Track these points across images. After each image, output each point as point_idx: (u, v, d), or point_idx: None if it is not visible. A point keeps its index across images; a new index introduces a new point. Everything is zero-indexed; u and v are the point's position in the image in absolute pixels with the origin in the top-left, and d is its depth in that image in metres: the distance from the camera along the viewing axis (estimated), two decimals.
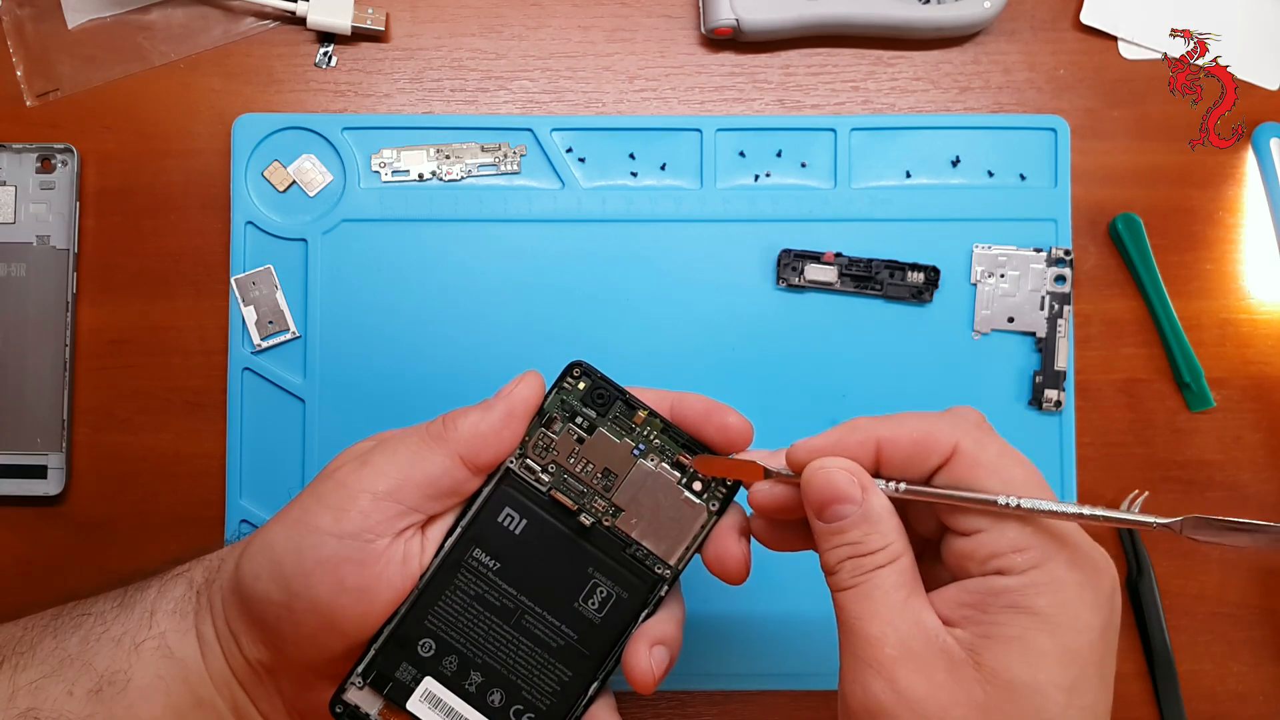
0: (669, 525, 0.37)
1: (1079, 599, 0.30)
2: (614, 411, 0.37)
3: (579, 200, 0.52)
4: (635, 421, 0.37)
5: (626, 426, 0.37)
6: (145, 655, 0.37)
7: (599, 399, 0.37)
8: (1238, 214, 0.54)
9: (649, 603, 0.37)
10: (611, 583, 0.37)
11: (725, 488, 0.37)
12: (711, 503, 0.37)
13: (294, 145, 0.52)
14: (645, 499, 0.37)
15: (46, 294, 0.52)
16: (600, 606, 0.37)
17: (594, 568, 0.37)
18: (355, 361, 0.52)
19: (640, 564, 0.37)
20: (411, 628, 0.36)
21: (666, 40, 0.54)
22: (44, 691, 0.36)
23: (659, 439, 0.37)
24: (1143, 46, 0.54)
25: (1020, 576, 0.30)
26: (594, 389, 0.37)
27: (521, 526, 0.37)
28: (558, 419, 0.37)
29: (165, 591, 0.39)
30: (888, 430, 0.33)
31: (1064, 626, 0.30)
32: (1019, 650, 0.30)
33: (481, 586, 0.36)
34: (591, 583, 0.37)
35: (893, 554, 0.32)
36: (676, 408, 0.37)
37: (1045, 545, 0.31)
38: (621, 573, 0.37)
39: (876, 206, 0.53)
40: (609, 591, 0.37)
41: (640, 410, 0.37)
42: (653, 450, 0.37)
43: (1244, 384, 0.53)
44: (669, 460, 0.37)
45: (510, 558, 0.37)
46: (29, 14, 0.53)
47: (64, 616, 0.39)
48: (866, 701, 0.31)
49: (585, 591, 0.37)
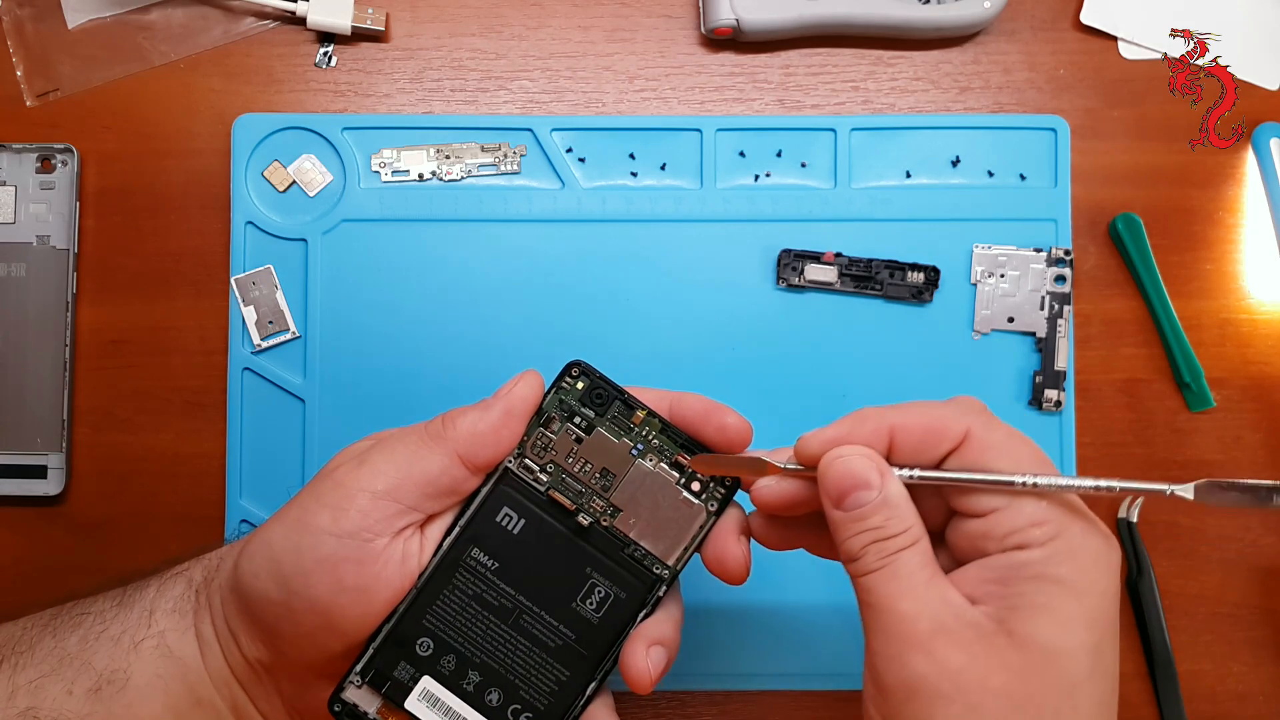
0: (667, 525, 0.37)
1: (1095, 565, 0.31)
2: (612, 411, 0.37)
3: (579, 200, 0.52)
4: (634, 421, 0.37)
5: (625, 426, 0.37)
6: (144, 654, 0.37)
7: (597, 399, 0.37)
8: (1238, 214, 0.54)
9: (647, 603, 0.37)
10: (609, 583, 0.37)
11: (724, 488, 0.37)
12: (710, 503, 0.37)
13: (294, 145, 0.52)
14: (644, 499, 0.37)
15: (46, 294, 0.52)
16: (598, 606, 0.36)
17: (592, 568, 0.37)
18: (355, 361, 0.52)
19: (638, 564, 0.37)
20: (410, 627, 0.36)
21: (666, 40, 0.54)
22: (43, 690, 0.36)
23: (657, 439, 0.37)
24: (1143, 46, 0.54)
25: (1041, 549, 0.31)
26: (592, 388, 0.37)
27: (520, 526, 0.37)
28: (556, 418, 0.37)
29: (164, 590, 0.38)
30: (899, 418, 0.33)
31: (1086, 591, 0.31)
32: (1048, 616, 0.30)
33: (480, 586, 0.36)
34: (590, 583, 0.37)
35: (914, 536, 0.33)
36: (675, 408, 0.37)
37: (1060, 518, 0.32)
38: (619, 573, 0.37)
39: (876, 206, 0.53)
40: (607, 591, 0.37)
41: (639, 410, 0.37)
42: (651, 450, 0.37)
43: (1244, 384, 0.53)
44: (667, 460, 0.37)
45: (508, 557, 0.36)
46: (29, 14, 0.53)
47: (63, 616, 0.39)
48: (907, 678, 0.31)
49: (583, 591, 0.37)
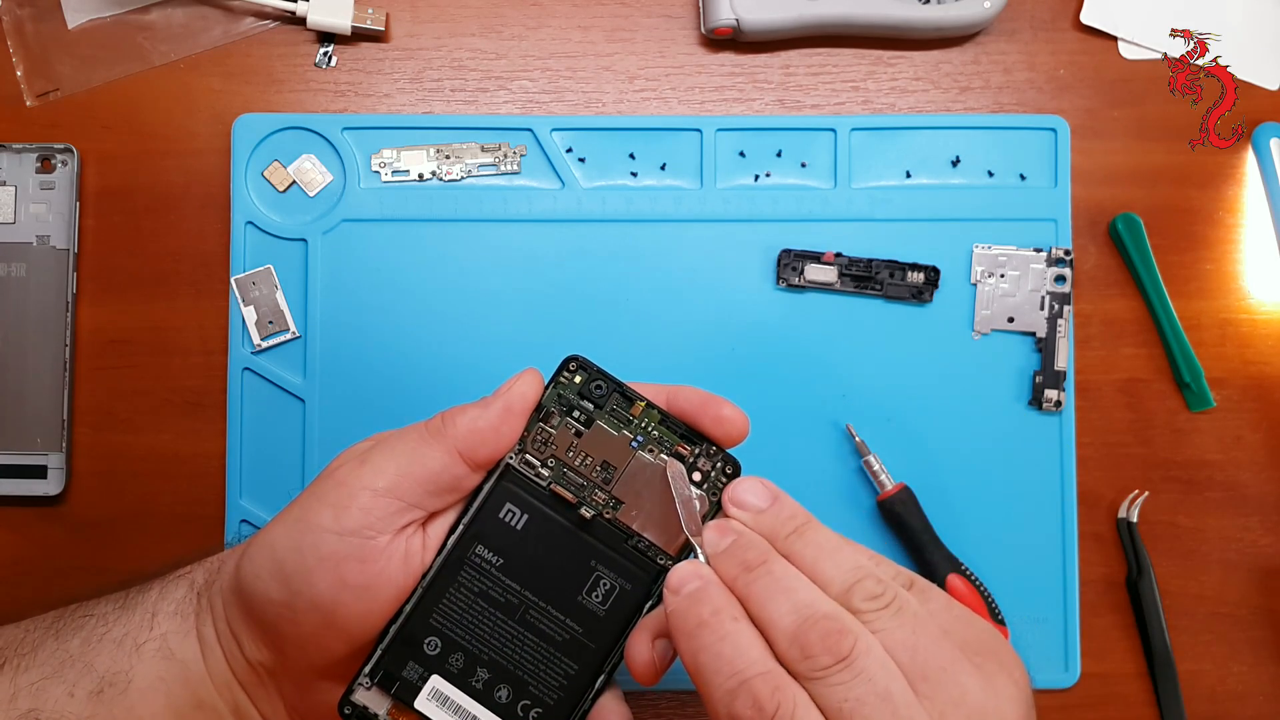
0: (670, 516, 0.37)
1: None
2: (611, 404, 0.37)
3: (579, 200, 0.52)
4: (633, 413, 0.37)
5: (624, 419, 0.37)
6: (146, 657, 0.37)
7: (596, 391, 0.37)
8: (1238, 214, 0.54)
9: (652, 594, 0.37)
10: (614, 575, 0.36)
11: (725, 477, 0.37)
12: (712, 493, 0.37)
13: (294, 145, 0.52)
14: (645, 490, 0.37)
15: (46, 294, 0.52)
16: (604, 599, 0.36)
17: (596, 560, 0.37)
18: (355, 361, 0.52)
19: (642, 555, 0.37)
20: (417, 626, 0.36)
21: (666, 40, 0.54)
22: (45, 693, 0.36)
23: (657, 430, 0.37)
24: (1143, 46, 0.54)
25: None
26: (590, 381, 0.37)
27: (523, 522, 0.37)
28: (555, 413, 0.37)
29: (166, 593, 0.38)
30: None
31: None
32: None
33: (485, 583, 0.36)
34: (594, 575, 0.36)
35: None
36: (672, 401, 0.37)
37: None
38: (624, 564, 0.37)
39: (876, 206, 0.53)
40: (612, 584, 0.36)
41: (637, 402, 0.37)
42: (651, 441, 0.37)
43: (1244, 384, 0.53)
44: (668, 451, 0.37)
45: (513, 553, 0.36)
46: (29, 14, 0.53)
47: (66, 618, 0.39)
48: None
49: (589, 584, 0.36)
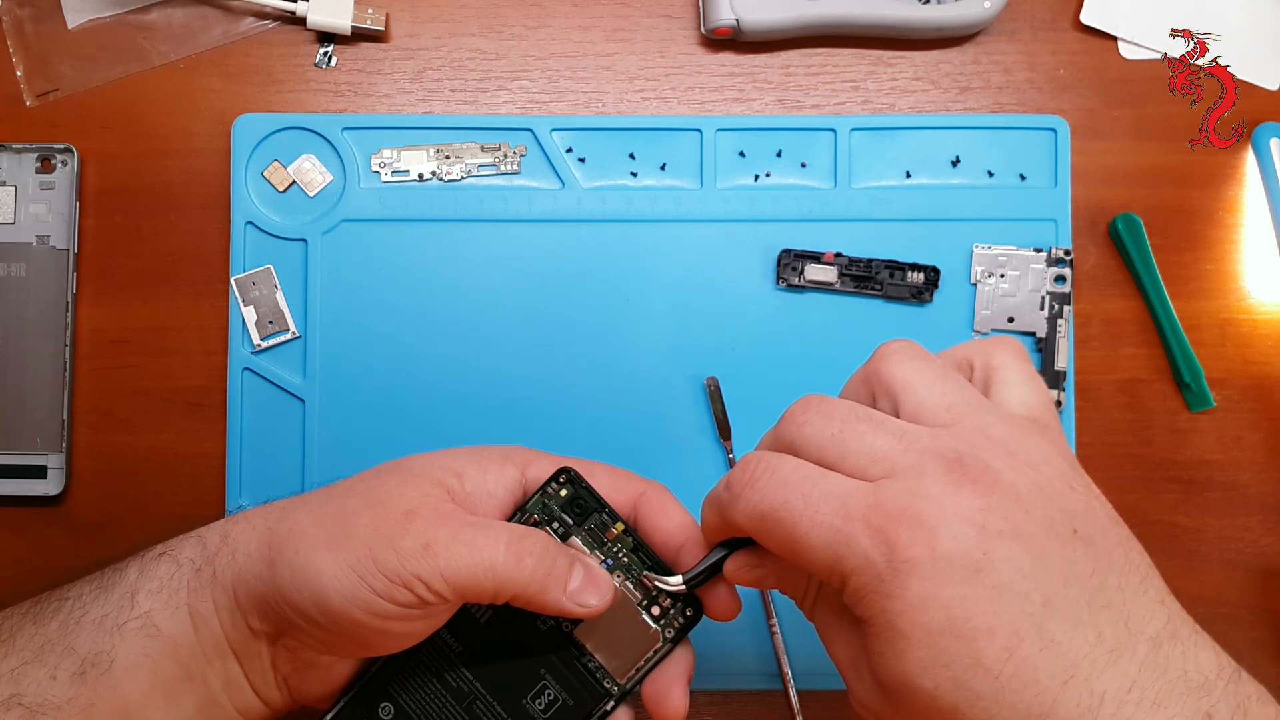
0: (624, 643, 0.38)
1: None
2: (590, 523, 0.38)
3: (579, 200, 0.52)
4: (608, 536, 0.38)
5: (599, 539, 0.38)
6: (129, 635, 0.37)
7: (578, 508, 0.38)
8: (1238, 214, 0.54)
9: (591, 716, 0.37)
10: (560, 688, 0.37)
11: (684, 618, 0.38)
12: (668, 630, 0.38)
13: (294, 145, 0.52)
14: (605, 614, 0.37)
15: (46, 294, 0.52)
16: (546, 709, 0.37)
17: (546, 670, 0.38)
18: (355, 361, 0.52)
19: (590, 676, 0.37)
20: (375, 690, 0.37)
21: (666, 40, 0.54)
22: (26, 677, 0.36)
23: (627, 556, 0.38)
24: (1143, 46, 0.54)
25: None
26: (575, 498, 0.38)
27: (488, 617, 0.38)
28: (538, 520, 0.38)
29: (147, 571, 0.38)
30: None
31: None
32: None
33: (442, 665, 0.38)
34: (541, 684, 0.37)
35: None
36: (644, 519, 0.39)
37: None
38: (570, 680, 0.37)
39: (876, 206, 0.53)
40: (556, 695, 0.37)
41: (615, 525, 0.38)
42: (620, 567, 0.38)
43: (1244, 384, 0.53)
44: (633, 579, 0.38)
45: (473, 644, 0.38)
46: (29, 14, 0.53)
47: (42, 603, 0.39)
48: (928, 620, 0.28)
49: (535, 691, 0.37)
